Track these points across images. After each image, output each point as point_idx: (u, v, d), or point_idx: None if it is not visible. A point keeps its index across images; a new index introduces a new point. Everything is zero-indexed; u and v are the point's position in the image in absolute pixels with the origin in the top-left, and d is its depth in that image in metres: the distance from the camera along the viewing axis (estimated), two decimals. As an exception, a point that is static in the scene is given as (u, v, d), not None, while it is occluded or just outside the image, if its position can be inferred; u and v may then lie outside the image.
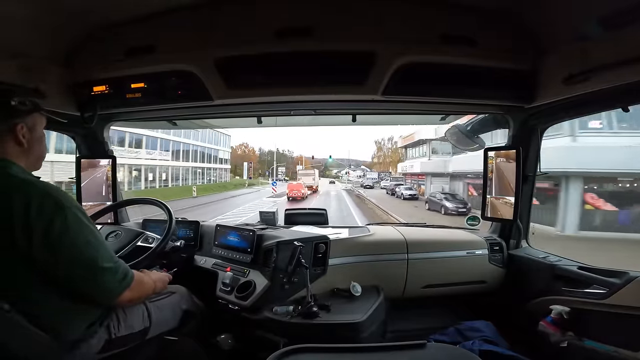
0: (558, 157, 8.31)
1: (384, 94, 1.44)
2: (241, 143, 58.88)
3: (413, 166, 26.01)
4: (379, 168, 46.83)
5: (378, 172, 43.73)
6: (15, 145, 0.95)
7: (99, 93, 1.58)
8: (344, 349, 0.91)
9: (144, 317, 1.15)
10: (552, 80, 1.35)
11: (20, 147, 0.96)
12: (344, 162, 56.95)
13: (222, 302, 1.59)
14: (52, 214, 0.86)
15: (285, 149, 69.26)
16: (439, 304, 1.94)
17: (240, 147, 57.21)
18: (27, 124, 0.97)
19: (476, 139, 2.04)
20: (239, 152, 54.86)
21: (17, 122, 0.94)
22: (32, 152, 0.99)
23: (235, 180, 38.36)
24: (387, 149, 48.30)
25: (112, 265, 0.94)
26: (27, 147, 0.97)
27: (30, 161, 1.00)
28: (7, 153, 0.93)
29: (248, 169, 36.85)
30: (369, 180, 38.45)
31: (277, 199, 20.85)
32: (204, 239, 1.96)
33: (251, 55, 1.42)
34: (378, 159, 50.43)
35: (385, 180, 36.85)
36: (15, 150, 0.95)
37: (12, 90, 1.02)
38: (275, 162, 42.80)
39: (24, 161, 0.97)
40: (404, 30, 1.37)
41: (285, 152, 66.47)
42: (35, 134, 1.00)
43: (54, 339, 0.90)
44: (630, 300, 1.28)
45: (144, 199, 1.71)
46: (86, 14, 1.37)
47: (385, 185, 31.98)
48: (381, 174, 41.92)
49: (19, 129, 0.95)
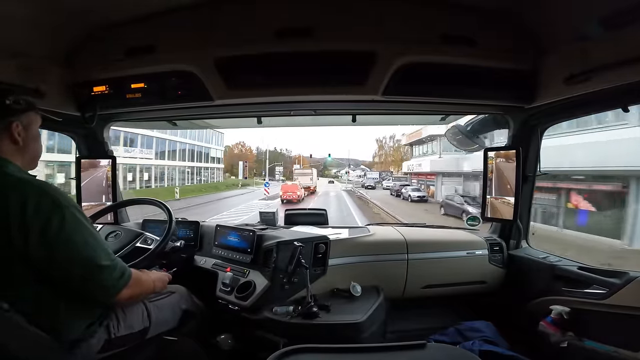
0: (627, 152, 6.47)
1: (384, 94, 1.43)
2: (238, 142, 57.03)
3: (421, 165, 23.58)
4: (380, 167, 44.69)
5: (379, 172, 41.61)
6: (10, 143, 0.95)
7: (99, 93, 1.58)
8: (344, 349, 0.91)
9: (143, 317, 1.15)
10: (552, 80, 1.35)
11: (16, 146, 0.96)
12: (344, 162, 55.75)
13: (222, 303, 1.59)
14: (49, 213, 0.86)
15: (283, 148, 66.97)
16: (439, 304, 1.94)
17: (237, 146, 55.67)
18: (22, 123, 0.97)
19: (476, 139, 2.04)
20: (236, 152, 53.47)
21: (12, 120, 0.95)
22: (28, 150, 1.00)
23: (229, 180, 36.78)
24: (389, 148, 45.95)
25: (110, 263, 0.94)
26: (23, 145, 0.97)
27: (26, 160, 1.00)
28: (3, 152, 0.94)
29: (243, 168, 34.95)
30: (370, 180, 36.56)
31: (269, 202, 19.31)
32: (204, 239, 1.96)
33: (251, 55, 1.42)
34: (379, 157, 47.50)
35: (387, 180, 35.12)
36: (11, 149, 0.95)
37: (8, 89, 1.02)
38: (267, 161, 40.95)
39: (20, 160, 0.97)
40: (404, 30, 1.37)
41: (284, 152, 64.50)
42: (31, 132, 1.01)
43: (53, 339, 0.90)
44: (630, 300, 1.28)
45: (144, 199, 1.71)
46: (86, 14, 1.37)
47: (388, 186, 29.90)
48: (382, 174, 40.00)
49: (14, 127, 0.95)
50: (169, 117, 1.99)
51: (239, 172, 37.34)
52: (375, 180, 36.72)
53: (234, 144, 55.56)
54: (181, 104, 1.60)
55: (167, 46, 1.46)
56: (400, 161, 39.33)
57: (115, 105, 1.64)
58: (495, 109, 1.73)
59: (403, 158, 38.67)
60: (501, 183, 1.80)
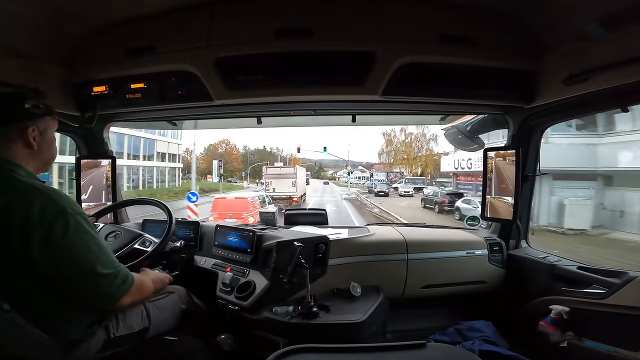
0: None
1: (383, 94, 1.43)
2: (222, 139, 50.28)
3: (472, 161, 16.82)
4: (388, 167, 37.36)
5: (387, 172, 34.69)
6: (24, 147, 0.95)
7: (98, 93, 1.58)
8: (344, 349, 0.91)
9: (142, 317, 1.15)
10: (552, 80, 1.35)
11: (29, 150, 0.96)
12: (340, 162, 52.55)
13: (222, 303, 1.59)
14: (53, 220, 0.86)
15: (273, 147, 60.73)
16: (439, 304, 1.94)
17: (221, 144, 49.71)
18: (39, 127, 0.98)
19: (476, 139, 2.04)
20: (219, 151, 48.22)
21: (28, 124, 0.95)
22: (42, 155, 1.00)
23: (185, 184, 28.33)
24: (400, 143, 35.91)
25: (112, 270, 0.94)
26: (37, 149, 0.97)
27: (38, 164, 1.00)
28: (16, 156, 0.94)
29: (218, 168, 26.80)
30: (379, 184, 28.12)
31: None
32: (203, 239, 1.96)
33: (251, 55, 1.42)
34: (387, 155, 37.28)
35: (399, 182, 28.19)
36: (24, 153, 0.95)
37: (27, 94, 1.03)
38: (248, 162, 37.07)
39: (32, 164, 0.98)
40: (404, 31, 1.37)
41: (273, 151, 58.52)
42: (46, 137, 1.01)
43: (53, 339, 0.90)
44: (629, 300, 1.28)
45: (144, 200, 1.72)
46: (86, 14, 1.37)
47: (428, 194, 19.04)
48: (390, 175, 33.35)
49: (30, 131, 0.95)
50: (168, 117, 1.99)
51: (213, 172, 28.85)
52: (382, 182, 29.16)
53: (218, 141, 50.12)
54: (181, 104, 1.60)
55: (166, 46, 1.46)
56: (412, 159, 33.55)
57: (115, 105, 1.63)
58: (495, 109, 1.74)
59: (416, 156, 33.10)
60: (501, 183, 1.80)
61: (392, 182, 29.07)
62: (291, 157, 48.75)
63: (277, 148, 60.26)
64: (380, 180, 29.53)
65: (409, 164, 34.22)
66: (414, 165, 34.10)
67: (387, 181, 29.23)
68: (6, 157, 0.93)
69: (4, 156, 0.92)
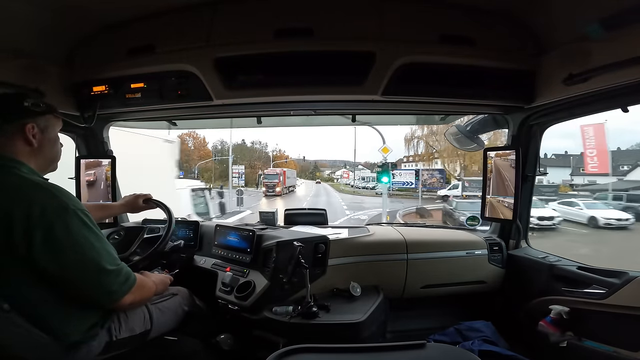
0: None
1: (383, 94, 1.43)
2: (188, 131, 36.80)
3: None
4: (427, 161, 25.50)
5: (416, 170, 19.22)
6: (24, 145, 0.96)
7: (98, 93, 1.58)
8: (344, 349, 0.91)
9: (145, 320, 1.15)
10: (552, 80, 1.35)
11: (30, 147, 0.96)
12: (338, 163, 49.91)
13: (221, 302, 1.59)
14: (54, 216, 0.86)
15: (256, 141, 47.09)
16: (438, 304, 1.94)
17: (189, 136, 38.45)
18: (39, 125, 0.98)
19: (476, 139, 2.04)
20: (190, 145, 38.68)
21: (27, 122, 0.96)
22: (43, 153, 1.00)
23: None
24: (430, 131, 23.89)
25: (115, 268, 0.94)
26: (38, 147, 0.98)
27: (41, 162, 1.01)
28: (17, 153, 0.95)
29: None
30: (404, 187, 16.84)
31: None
32: (203, 239, 1.96)
33: (251, 55, 1.42)
34: (415, 144, 26.15)
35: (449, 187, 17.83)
36: (25, 150, 0.96)
37: (26, 94, 1.03)
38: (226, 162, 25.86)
39: (34, 162, 0.98)
40: (404, 30, 1.38)
41: (256, 146, 46.43)
42: (48, 135, 1.01)
43: (54, 341, 0.90)
44: (629, 300, 1.28)
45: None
46: (86, 13, 1.37)
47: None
48: (425, 174, 18.49)
49: (29, 128, 0.96)
50: (168, 117, 1.99)
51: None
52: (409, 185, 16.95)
53: (184, 133, 38.10)
54: (181, 103, 1.59)
55: (166, 46, 1.46)
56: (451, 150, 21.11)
57: (114, 105, 1.63)
58: (495, 109, 1.73)
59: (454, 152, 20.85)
60: (501, 183, 1.80)
61: (429, 185, 17.95)
62: (282, 156, 42.34)
63: (259, 142, 48.01)
64: (404, 182, 16.82)
65: (450, 159, 21.98)
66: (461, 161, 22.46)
67: (416, 182, 17.10)
68: (8, 154, 0.93)
69: (6, 153, 0.93)
